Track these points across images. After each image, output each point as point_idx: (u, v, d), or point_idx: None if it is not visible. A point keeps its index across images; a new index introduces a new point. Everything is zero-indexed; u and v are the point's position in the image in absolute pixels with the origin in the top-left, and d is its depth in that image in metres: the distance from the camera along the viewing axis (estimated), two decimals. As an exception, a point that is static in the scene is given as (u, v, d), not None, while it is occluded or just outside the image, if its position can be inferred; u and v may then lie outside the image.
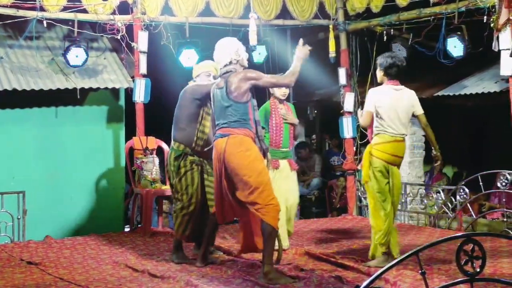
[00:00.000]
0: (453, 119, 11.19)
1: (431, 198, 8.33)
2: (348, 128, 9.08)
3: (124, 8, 8.18)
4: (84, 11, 7.97)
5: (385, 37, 8.72)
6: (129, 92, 8.32)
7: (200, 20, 8.55)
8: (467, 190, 7.82)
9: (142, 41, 8.12)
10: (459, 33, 7.90)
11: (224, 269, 5.51)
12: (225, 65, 5.32)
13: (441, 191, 8.24)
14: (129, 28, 8.21)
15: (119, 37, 8.12)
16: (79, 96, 8.13)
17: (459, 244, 2.99)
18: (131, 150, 8.03)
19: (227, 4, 8.56)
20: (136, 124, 8.21)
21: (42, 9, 7.72)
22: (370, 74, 8.54)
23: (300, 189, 10.59)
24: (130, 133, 8.36)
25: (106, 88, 8.38)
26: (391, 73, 5.71)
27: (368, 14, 8.86)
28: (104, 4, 8.00)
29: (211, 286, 4.96)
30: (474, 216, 8.11)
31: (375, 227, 5.67)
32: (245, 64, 5.38)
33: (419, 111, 5.81)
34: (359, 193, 9.06)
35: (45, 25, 7.89)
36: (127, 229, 8.51)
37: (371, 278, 2.87)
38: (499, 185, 7.76)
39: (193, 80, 6.13)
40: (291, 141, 6.56)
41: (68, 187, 8.30)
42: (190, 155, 5.85)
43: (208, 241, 5.76)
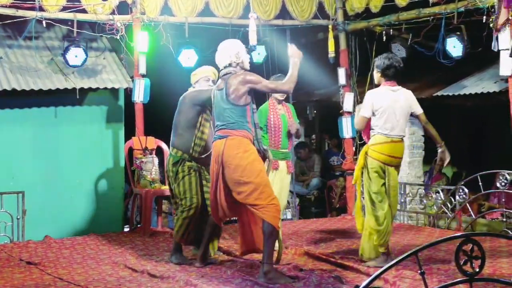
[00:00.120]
0: (452, 119, 11.19)
1: (430, 198, 8.33)
2: (347, 128, 9.07)
3: (123, 8, 8.18)
4: (84, 11, 7.97)
5: (385, 37, 8.72)
6: (129, 92, 8.32)
7: (200, 20, 8.54)
8: (466, 190, 7.82)
9: (141, 41, 8.12)
10: (458, 33, 7.91)
11: (224, 269, 5.51)
12: (225, 67, 5.32)
13: (441, 191, 8.24)
14: (129, 28, 8.22)
15: (118, 37, 8.13)
16: (78, 96, 8.14)
17: (458, 244, 2.99)
18: (131, 150, 8.03)
19: (227, 4, 8.55)
20: (135, 124, 8.21)
21: (41, 9, 7.72)
22: (370, 74, 8.53)
23: (299, 189, 10.70)
24: (130, 133, 8.35)
25: (105, 88, 8.37)
26: (388, 74, 5.71)
27: (367, 14, 8.85)
28: (103, 4, 8.00)
29: (211, 286, 4.96)
30: (474, 216, 8.10)
31: (372, 227, 5.66)
32: (246, 67, 5.37)
33: (418, 110, 5.80)
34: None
35: (45, 25, 7.89)
36: (126, 229, 8.50)
37: (371, 278, 2.87)
38: (498, 185, 7.77)
39: (192, 86, 6.12)
40: (290, 142, 6.53)
41: (68, 187, 8.30)
42: (188, 161, 5.85)
43: (208, 242, 5.76)
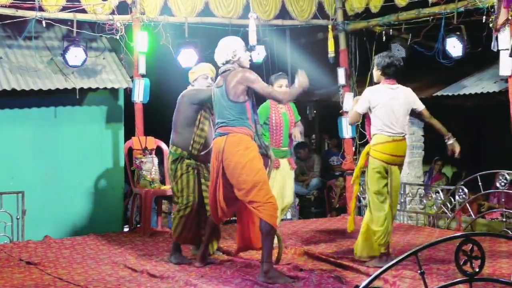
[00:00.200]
0: (452, 119, 11.16)
1: (430, 198, 8.33)
2: (347, 128, 9.06)
3: (123, 8, 8.18)
4: (83, 11, 7.97)
5: (384, 37, 8.72)
6: (128, 92, 8.32)
7: (199, 20, 8.54)
8: (466, 190, 7.82)
9: (141, 41, 8.12)
10: (458, 33, 7.91)
11: (223, 269, 5.51)
12: (223, 64, 5.33)
13: (440, 191, 8.24)
14: (128, 28, 8.22)
15: (118, 37, 8.13)
16: (78, 96, 8.13)
17: (458, 244, 2.99)
18: (130, 150, 8.03)
19: (226, 4, 8.55)
20: (135, 124, 8.21)
21: (41, 9, 7.72)
22: (369, 74, 8.53)
23: (299, 189, 10.69)
24: (129, 133, 8.35)
25: (105, 88, 8.37)
26: (388, 73, 5.69)
27: (367, 14, 8.85)
28: (103, 4, 8.00)
29: (210, 286, 4.96)
30: (473, 216, 8.10)
31: (373, 228, 5.64)
32: (245, 64, 5.36)
33: (420, 106, 5.78)
34: (358, 193, 9.04)
35: (44, 25, 7.88)
36: (126, 229, 8.50)
37: (370, 278, 2.87)
38: (498, 185, 7.76)
39: (191, 84, 6.12)
40: (291, 140, 6.56)
41: (67, 187, 8.30)
42: (187, 158, 5.86)
43: (208, 242, 5.76)
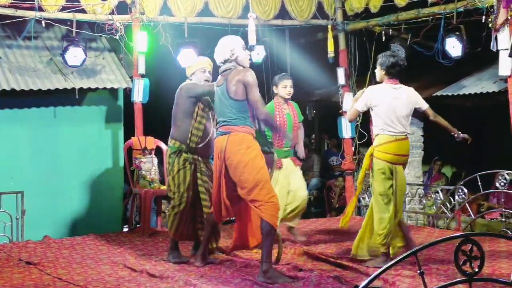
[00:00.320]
0: (451, 119, 11.07)
1: (429, 198, 8.33)
2: (346, 128, 9.06)
3: (122, 8, 8.18)
4: (83, 11, 7.97)
5: (384, 37, 8.72)
6: (128, 92, 8.32)
7: (199, 20, 8.54)
8: (465, 190, 7.82)
9: (140, 41, 8.12)
10: (457, 33, 7.91)
11: (223, 268, 5.51)
12: (222, 63, 5.33)
13: (440, 191, 8.24)
14: (128, 28, 8.22)
15: (117, 37, 8.12)
16: (77, 96, 8.14)
17: (457, 244, 2.98)
18: (130, 150, 8.03)
19: (226, 4, 8.55)
20: (134, 124, 8.21)
21: (40, 9, 7.72)
22: (369, 74, 8.54)
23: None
24: (129, 133, 8.35)
25: (104, 88, 8.38)
26: (392, 72, 5.67)
27: (366, 14, 8.85)
28: (102, 4, 8.00)
29: (210, 286, 4.96)
30: (473, 216, 8.10)
31: (375, 229, 5.63)
32: (245, 63, 5.35)
33: (424, 105, 5.77)
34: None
35: (44, 25, 7.88)
36: (125, 229, 8.50)
37: (370, 278, 2.87)
38: (497, 185, 7.76)
39: (189, 79, 6.11)
40: (294, 140, 6.69)
41: (67, 187, 8.30)
42: (185, 152, 5.87)
43: (208, 241, 5.75)
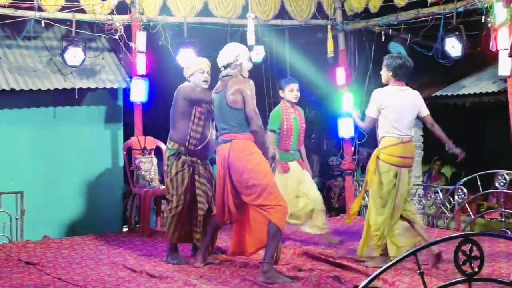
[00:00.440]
0: (451, 119, 11.15)
1: (429, 198, 8.32)
2: (346, 128, 9.07)
3: (122, 8, 8.17)
4: (82, 11, 7.97)
5: (383, 37, 8.72)
6: (127, 92, 8.32)
7: (198, 20, 8.53)
8: (465, 190, 7.82)
9: (140, 41, 8.11)
10: (457, 33, 7.91)
11: (223, 269, 5.51)
12: (224, 67, 5.33)
13: (439, 191, 8.24)
14: (127, 28, 8.21)
15: (117, 37, 8.12)
16: (77, 96, 8.13)
17: (457, 244, 2.99)
18: (129, 150, 8.03)
19: (225, 4, 8.54)
20: (134, 124, 8.21)
21: (40, 9, 7.71)
22: (368, 74, 8.54)
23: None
24: (128, 133, 8.35)
25: (104, 88, 8.37)
26: (399, 74, 5.66)
27: (366, 14, 8.85)
28: (102, 4, 7.99)
29: (210, 286, 4.96)
30: (472, 216, 8.09)
31: (372, 230, 5.64)
32: (244, 73, 5.33)
33: (425, 112, 5.75)
34: (357, 193, 9.05)
35: (43, 25, 7.87)
36: (125, 229, 8.51)
37: (370, 278, 2.87)
38: (497, 185, 7.76)
39: (187, 80, 6.09)
40: (299, 143, 6.85)
41: (66, 187, 8.29)
42: (184, 154, 5.86)
43: (208, 242, 5.76)
